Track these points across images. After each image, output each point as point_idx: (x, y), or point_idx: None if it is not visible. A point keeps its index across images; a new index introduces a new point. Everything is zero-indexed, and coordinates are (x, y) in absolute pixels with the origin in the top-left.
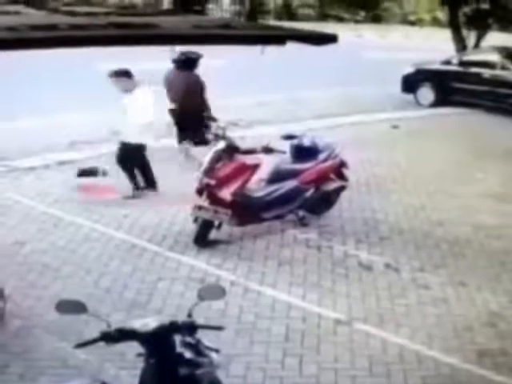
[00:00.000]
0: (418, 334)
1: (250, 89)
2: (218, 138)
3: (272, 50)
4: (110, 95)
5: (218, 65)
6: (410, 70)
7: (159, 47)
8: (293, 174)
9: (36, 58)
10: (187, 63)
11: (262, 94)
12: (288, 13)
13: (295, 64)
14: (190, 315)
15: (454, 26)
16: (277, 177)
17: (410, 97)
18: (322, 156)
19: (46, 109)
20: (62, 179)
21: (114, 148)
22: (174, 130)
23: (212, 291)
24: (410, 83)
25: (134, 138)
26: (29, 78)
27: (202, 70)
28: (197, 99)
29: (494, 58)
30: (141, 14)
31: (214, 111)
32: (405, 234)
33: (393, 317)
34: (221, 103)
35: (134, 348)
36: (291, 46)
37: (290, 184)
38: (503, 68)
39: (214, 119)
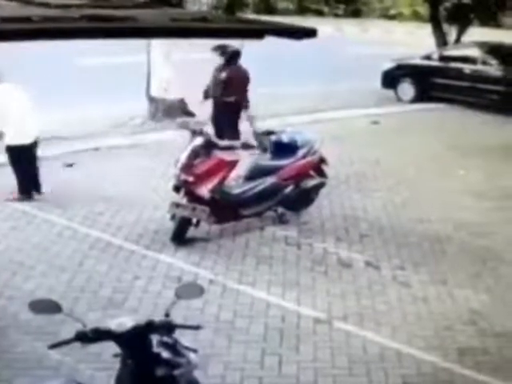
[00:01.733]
0: (398, 332)
1: None
2: (196, 133)
3: (249, 45)
4: (91, 90)
5: (193, 59)
6: (390, 65)
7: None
8: (272, 171)
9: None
10: (234, 56)
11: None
12: (267, 6)
13: (273, 59)
14: (167, 314)
15: (435, 20)
16: (256, 173)
17: (390, 92)
18: (301, 152)
19: None
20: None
21: (90, 145)
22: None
23: (190, 290)
24: (391, 78)
25: (10, 140)
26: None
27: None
28: (236, 94)
29: (475, 53)
30: (117, 7)
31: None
32: (385, 231)
33: (373, 315)
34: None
35: (110, 348)
36: (269, 41)
37: (269, 181)
38: (484, 63)
39: (191, 114)
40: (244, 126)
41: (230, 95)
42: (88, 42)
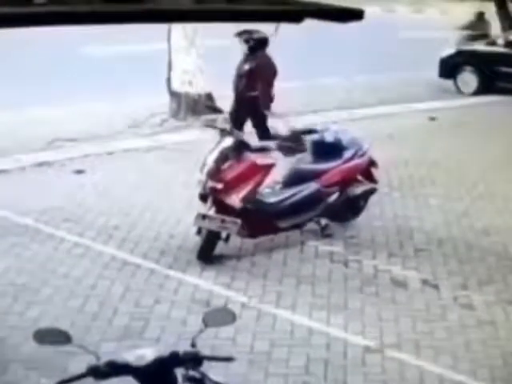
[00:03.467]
0: (460, 362)
1: None
2: (224, 133)
3: (287, 31)
4: (102, 84)
5: (221, 46)
6: (448, 51)
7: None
8: (313, 176)
9: (8, 42)
10: (260, 44)
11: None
12: None
13: (313, 46)
14: (193, 345)
15: (500, 0)
16: (294, 179)
17: (449, 83)
18: (347, 154)
19: (21, 101)
20: (40, 183)
21: (103, 147)
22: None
23: (219, 316)
24: (450, 67)
25: None
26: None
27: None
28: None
29: None
30: None
31: (219, 101)
32: (445, 244)
33: (431, 342)
34: (230, 92)
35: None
36: (308, 24)
37: (310, 187)
38: None
39: (219, 110)
40: (278, 125)
41: (253, 89)
42: (96, 28)
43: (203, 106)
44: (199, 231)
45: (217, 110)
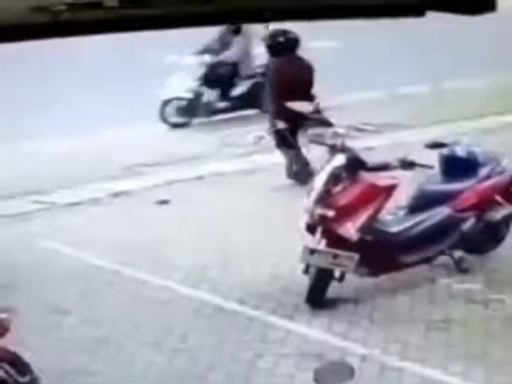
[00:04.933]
0: None
1: (374, 79)
2: (334, 149)
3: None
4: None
5: (325, 48)
6: None
7: None
8: (444, 198)
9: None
10: (287, 46)
11: (391, 86)
12: None
13: (437, 41)
14: None
15: None
16: (421, 203)
17: None
18: (483, 171)
19: (89, 122)
20: (117, 217)
21: (189, 172)
22: None
23: (334, 371)
24: None
25: None
26: (60, 78)
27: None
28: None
29: None
30: None
31: (328, 112)
32: None
33: None
34: (334, 100)
35: None
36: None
37: (440, 212)
38: None
39: (327, 123)
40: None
41: (286, 98)
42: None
43: (308, 118)
44: (307, 269)
45: (325, 123)
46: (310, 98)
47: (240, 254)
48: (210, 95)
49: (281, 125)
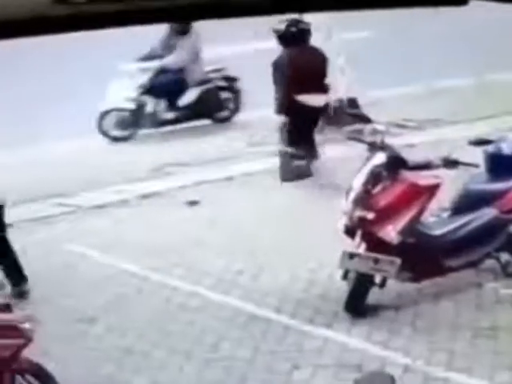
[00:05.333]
0: None
1: (412, 72)
2: (374, 147)
3: (442, 16)
4: None
5: (358, 39)
6: None
7: None
8: (490, 199)
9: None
10: (299, 36)
11: (430, 79)
12: None
13: (479, 32)
14: None
15: None
16: (466, 203)
17: None
18: None
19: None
20: (146, 220)
21: (220, 172)
22: None
23: (375, 382)
24: None
25: None
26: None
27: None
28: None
29: None
30: None
31: (366, 108)
32: None
33: None
34: (370, 94)
35: None
36: (473, 5)
37: (486, 214)
38: None
39: (366, 119)
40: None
41: (297, 90)
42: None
43: (346, 114)
44: (346, 275)
45: (363, 119)
46: (323, 89)
47: (273, 257)
48: (154, 105)
49: (287, 120)
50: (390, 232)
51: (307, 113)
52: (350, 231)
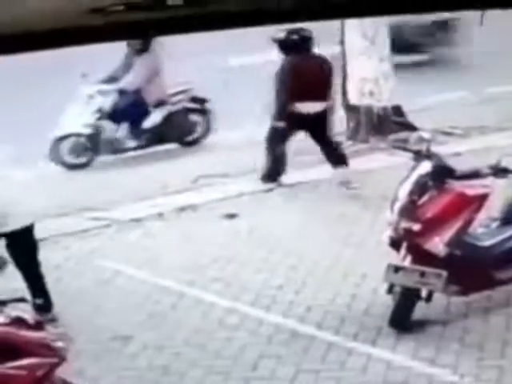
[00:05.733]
0: None
1: (455, 78)
2: (419, 156)
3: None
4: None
5: None
6: None
7: None
8: None
9: None
10: (302, 44)
11: (475, 86)
12: None
13: None
14: None
15: None
16: None
17: None
18: None
19: None
20: (182, 234)
21: (259, 184)
22: None
23: None
24: None
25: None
26: None
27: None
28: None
29: None
30: None
31: (412, 115)
32: None
33: None
34: (415, 102)
35: None
36: None
37: None
38: None
39: (411, 127)
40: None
41: (297, 98)
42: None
43: (390, 122)
44: (391, 289)
45: (409, 127)
46: (322, 97)
47: (315, 272)
48: (113, 130)
49: (280, 124)
50: (437, 244)
51: (302, 120)
52: (395, 243)
